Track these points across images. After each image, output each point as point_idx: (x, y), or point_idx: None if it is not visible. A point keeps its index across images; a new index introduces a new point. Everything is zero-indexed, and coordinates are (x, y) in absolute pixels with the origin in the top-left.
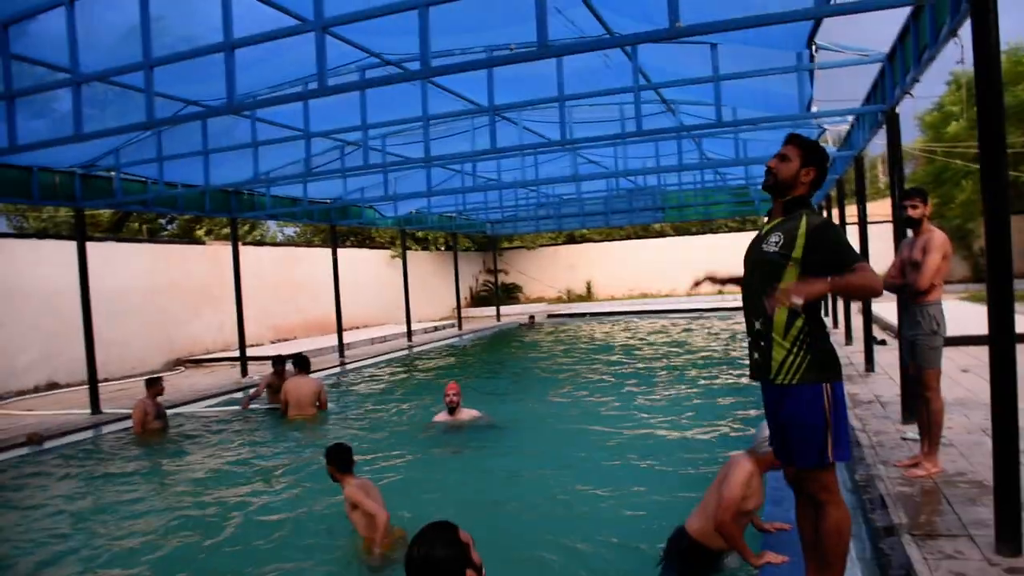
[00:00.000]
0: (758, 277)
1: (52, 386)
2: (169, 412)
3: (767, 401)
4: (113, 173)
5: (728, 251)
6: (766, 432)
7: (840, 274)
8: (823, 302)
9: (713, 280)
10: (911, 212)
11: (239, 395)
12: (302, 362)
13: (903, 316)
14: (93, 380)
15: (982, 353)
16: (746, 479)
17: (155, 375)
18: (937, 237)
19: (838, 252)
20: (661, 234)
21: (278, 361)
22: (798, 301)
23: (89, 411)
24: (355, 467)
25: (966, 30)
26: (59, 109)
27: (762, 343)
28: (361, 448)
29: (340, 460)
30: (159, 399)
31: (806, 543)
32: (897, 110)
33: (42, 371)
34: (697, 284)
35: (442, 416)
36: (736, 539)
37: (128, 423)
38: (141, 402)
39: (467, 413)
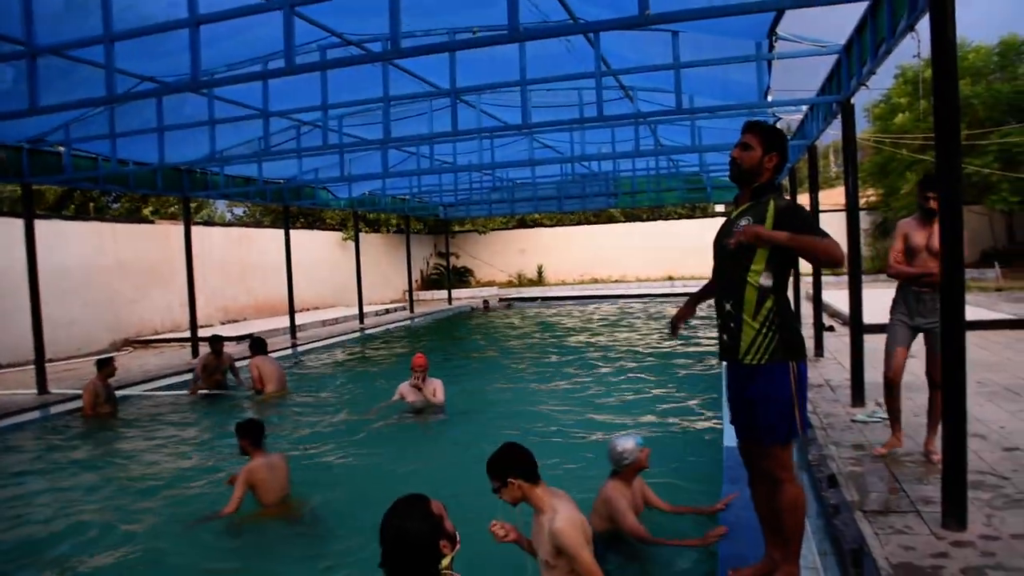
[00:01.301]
0: (729, 260)
1: None
2: (119, 393)
3: (732, 381)
4: (62, 149)
5: (678, 237)
6: (621, 446)
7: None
8: (786, 285)
9: (687, 314)
10: (933, 204)
11: (190, 376)
12: (260, 344)
13: (913, 304)
14: (40, 360)
15: None
16: (623, 505)
17: (106, 356)
18: None
19: (806, 228)
20: (612, 220)
21: (216, 340)
22: (762, 238)
23: (36, 391)
24: (264, 441)
25: (923, 25)
26: (4, 79)
27: (732, 324)
28: (321, 427)
29: (253, 435)
30: (110, 381)
31: (763, 520)
32: (852, 101)
33: None
34: (674, 329)
35: (407, 388)
36: (665, 542)
37: (76, 404)
38: (92, 383)
39: (432, 385)
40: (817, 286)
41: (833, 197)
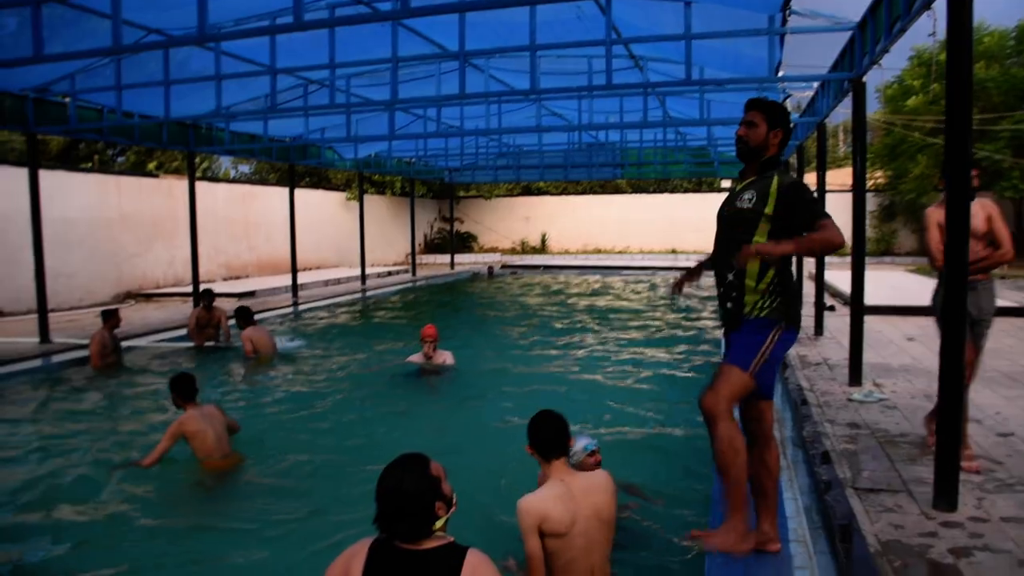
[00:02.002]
0: (731, 232)
1: None
2: (122, 345)
3: (727, 343)
4: (68, 99)
5: (683, 211)
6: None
7: (809, 226)
8: (789, 256)
9: (690, 277)
10: (975, 182)
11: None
12: (245, 313)
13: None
14: (43, 309)
15: (928, 323)
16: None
17: (111, 307)
18: (991, 204)
19: (806, 207)
20: (618, 191)
21: (206, 295)
22: (763, 254)
23: (38, 340)
24: (199, 395)
25: (939, 4)
26: (8, 26)
27: (734, 293)
28: (323, 387)
29: (184, 389)
30: (115, 332)
31: (753, 491)
32: (864, 79)
33: None
34: (678, 288)
35: (417, 357)
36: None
37: (79, 353)
38: (99, 334)
39: (442, 356)
40: (820, 266)
41: (840, 177)
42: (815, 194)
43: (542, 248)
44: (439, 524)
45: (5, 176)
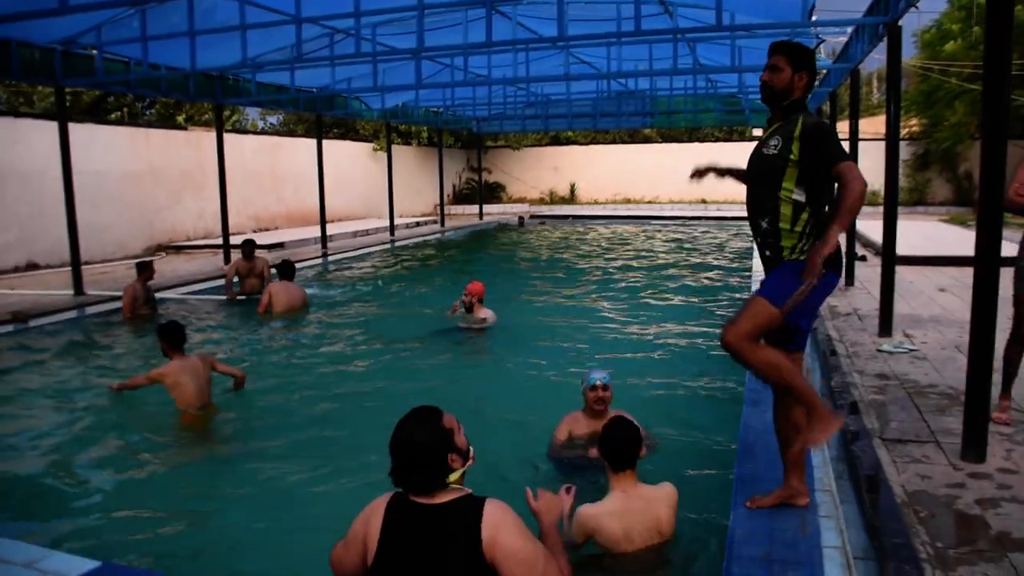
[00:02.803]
0: (762, 180)
1: (32, 267)
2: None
3: None
4: (94, 51)
5: (713, 160)
6: (597, 374)
7: (826, 169)
8: (822, 198)
9: (715, 171)
10: None
11: (221, 282)
12: (287, 268)
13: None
14: (76, 262)
15: (960, 274)
16: (558, 431)
17: (145, 259)
18: None
19: (827, 148)
20: (647, 140)
21: (247, 244)
22: (821, 263)
23: (72, 292)
24: (184, 346)
25: None
26: None
27: (771, 239)
28: (358, 340)
29: (171, 338)
30: (148, 284)
31: (782, 444)
32: (900, 23)
33: (21, 252)
34: (698, 174)
35: (460, 312)
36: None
37: (112, 305)
38: (131, 286)
39: (483, 312)
40: None
41: (874, 125)
42: (842, 140)
43: (571, 198)
44: (454, 476)
45: (36, 130)
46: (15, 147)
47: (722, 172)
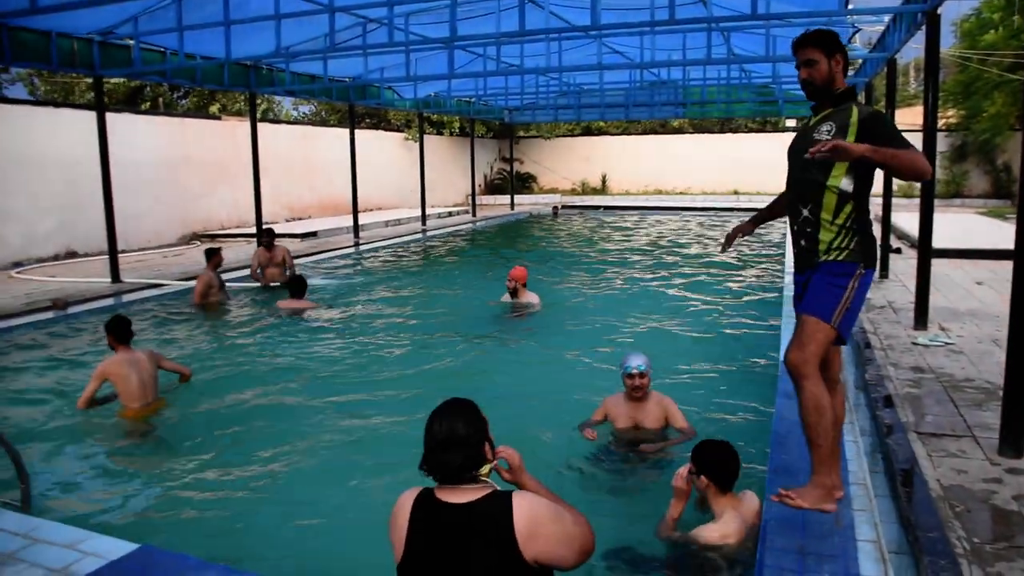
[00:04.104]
0: (808, 167)
1: (71, 255)
2: (192, 283)
3: (799, 286)
4: (131, 42)
5: (746, 151)
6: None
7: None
8: (867, 190)
9: (743, 231)
10: None
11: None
12: (296, 286)
13: None
14: (113, 250)
15: (998, 267)
16: (596, 413)
17: (213, 246)
18: None
19: (890, 138)
20: (679, 131)
21: (266, 234)
22: (840, 151)
23: (109, 280)
24: (130, 340)
25: None
26: None
27: (809, 229)
28: (399, 325)
29: (116, 331)
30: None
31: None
32: (939, 11)
33: (60, 240)
34: (728, 243)
35: (504, 297)
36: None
37: (149, 293)
38: (205, 274)
39: (527, 296)
40: (887, 207)
41: (909, 116)
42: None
43: (602, 189)
44: (486, 469)
45: (75, 120)
46: (55, 137)
47: (748, 226)
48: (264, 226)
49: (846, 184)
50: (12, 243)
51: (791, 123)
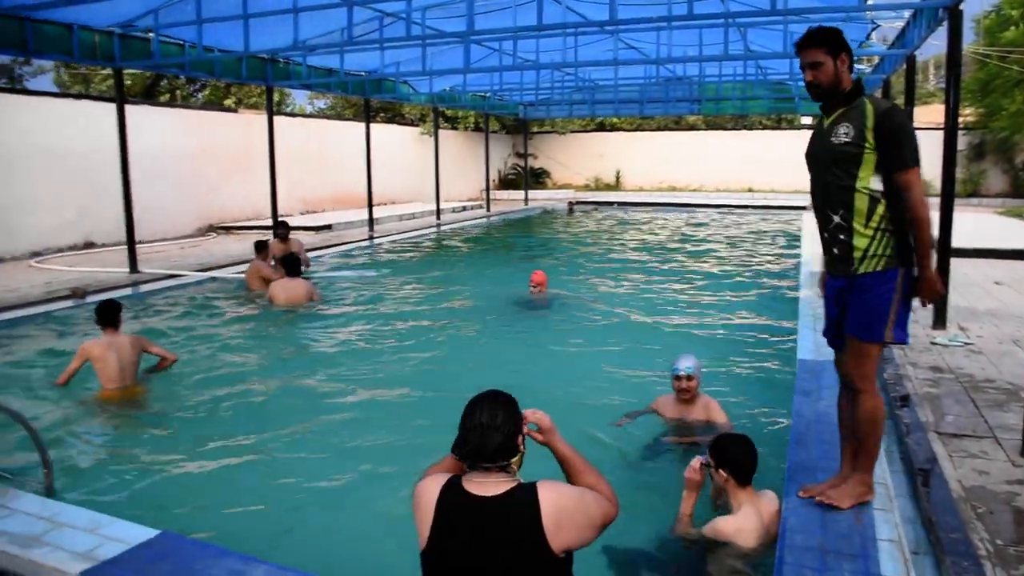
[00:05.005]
0: (833, 170)
1: (88, 245)
2: (207, 274)
3: (834, 292)
4: (151, 35)
5: (761, 149)
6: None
7: (890, 168)
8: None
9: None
10: None
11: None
12: (290, 264)
13: None
14: (131, 241)
15: (1017, 267)
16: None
17: (262, 239)
18: None
19: (898, 147)
20: (693, 128)
21: (281, 226)
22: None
23: (127, 270)
24: (115, 324)
25: None
26: None
27: (842, 236)
28: (415, 317)
29: (101, 314)
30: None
31: (844, 436)
32: (961, 7)
33: (79, 230)
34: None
35: (523, 295)
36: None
37: (165, 283)
38: (254, 265)
39: (547, 295)
40: None
41: (926, 114)
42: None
43: (616, 185)
44: (516, 460)
45: (93, 111)
46: (75, 128)
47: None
48: (279, 219)
49: (876, 183)
50: (32, 233)
51: (807, 120)
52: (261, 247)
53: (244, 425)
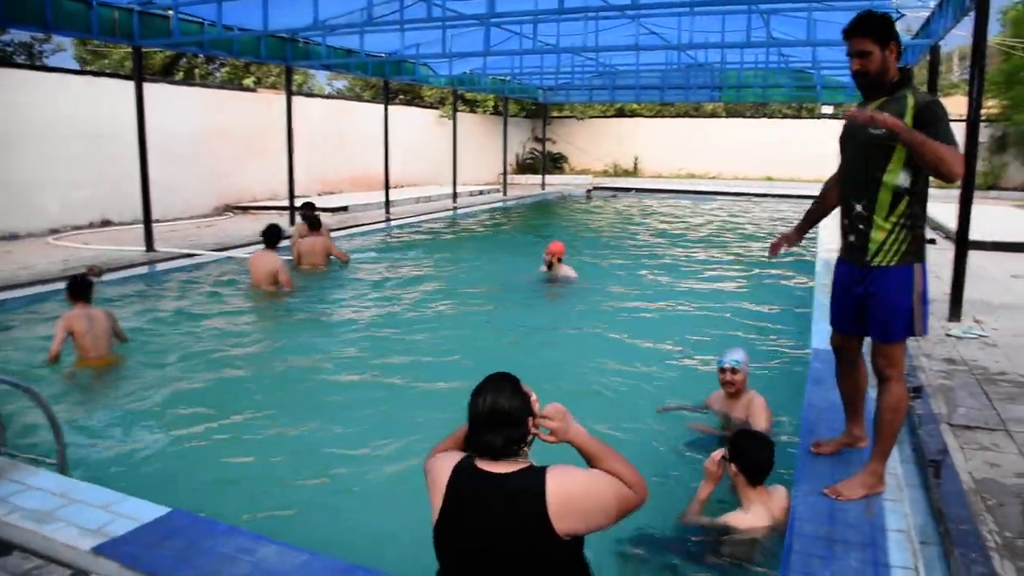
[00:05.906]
0: (863, 159)
1: (105, 223)
2: (224, 254)
3: (845, 279)
4: (171, 12)
5: (781, 137)
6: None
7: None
8: (925, 185)
9: (788, 240)
10: None
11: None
12: (269, 235)
13: None
14: (148, 219)
15: None
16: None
17: (274, 225)
18: None
19: (935, 130)
20: (713, 115)
21: (307, 207)
22: (880, 125)
23: (144, 248)
24: (85, 297)
25: None
26: None
27: (861, 225)
28: (437, 295)
29: (72, 289)
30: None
31: (845, 398)
32: None
33: (96, 208)
34: (775, 250)
35: (541, 270)
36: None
37: (181, 262)
38: (267, 258)
39: (563, 269)
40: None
41: (950, 106)
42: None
43: (634, 171)
44: (525, 447)
45: (112, 89)
46: (92, 106)
47: (794, 236)
48: (298, 199)
49: (903, 179)
50: (50, 211)
51: (827, 109)
52: (274, 236)
53: (256, 402)
